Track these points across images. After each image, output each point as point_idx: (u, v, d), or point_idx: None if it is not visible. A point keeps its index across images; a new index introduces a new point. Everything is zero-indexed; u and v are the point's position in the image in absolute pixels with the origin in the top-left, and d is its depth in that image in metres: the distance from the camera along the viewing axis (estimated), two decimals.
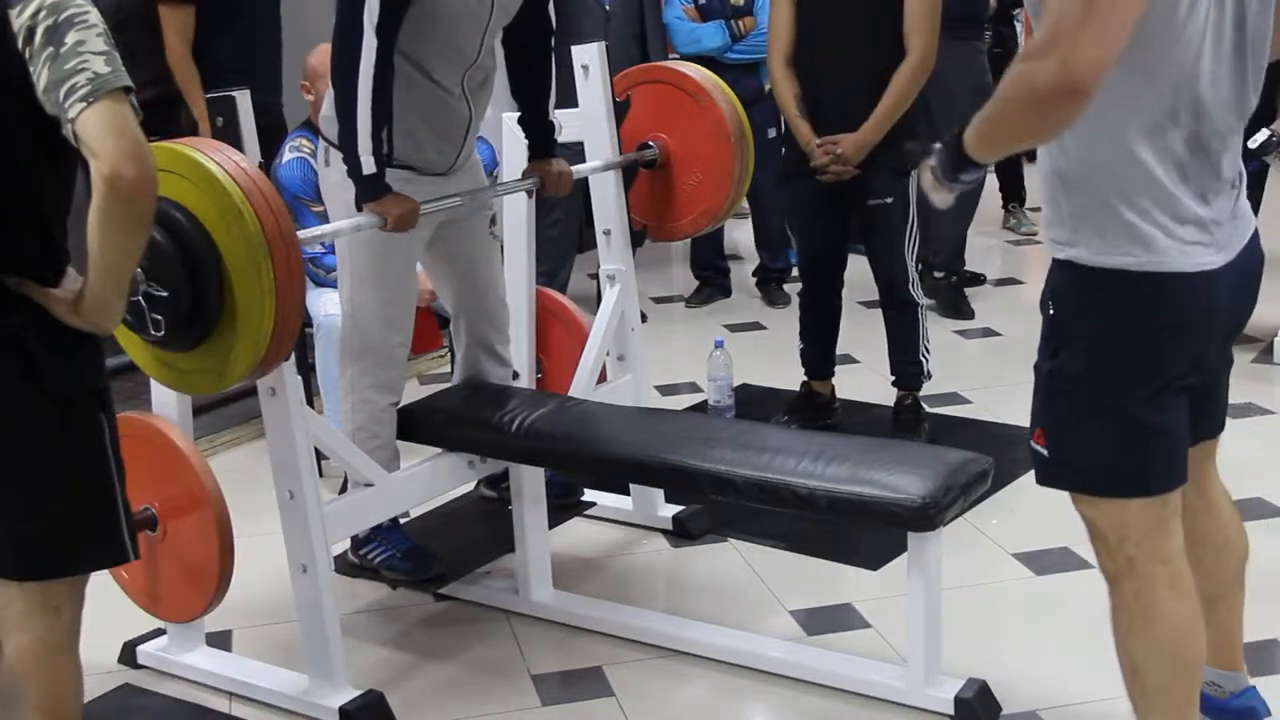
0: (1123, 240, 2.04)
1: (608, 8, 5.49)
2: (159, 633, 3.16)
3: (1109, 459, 2.14)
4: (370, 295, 3.21)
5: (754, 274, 6.27)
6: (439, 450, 3.29)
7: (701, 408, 4.61)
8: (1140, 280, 2.05)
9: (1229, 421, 2.37)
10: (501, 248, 3.54)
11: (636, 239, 3.76)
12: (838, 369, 4.50)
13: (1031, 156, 2.26)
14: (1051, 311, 2.16)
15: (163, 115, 4.40)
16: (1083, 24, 1.79)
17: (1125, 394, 2.10)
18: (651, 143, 3.67)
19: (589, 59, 3.52)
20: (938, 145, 2.14)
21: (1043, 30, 1.85)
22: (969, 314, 5.72)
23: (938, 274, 5.78)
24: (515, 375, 3.53)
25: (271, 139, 4.12)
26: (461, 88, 3.14)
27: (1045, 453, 2.20)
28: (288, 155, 4.10)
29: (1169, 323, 2.08)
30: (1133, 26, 1.85)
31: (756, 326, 5.79)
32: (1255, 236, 2.19)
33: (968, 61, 5.54)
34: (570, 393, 3.46)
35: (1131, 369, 2.09)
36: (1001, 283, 6.31)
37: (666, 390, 4.86)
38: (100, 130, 1.89)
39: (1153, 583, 2.16)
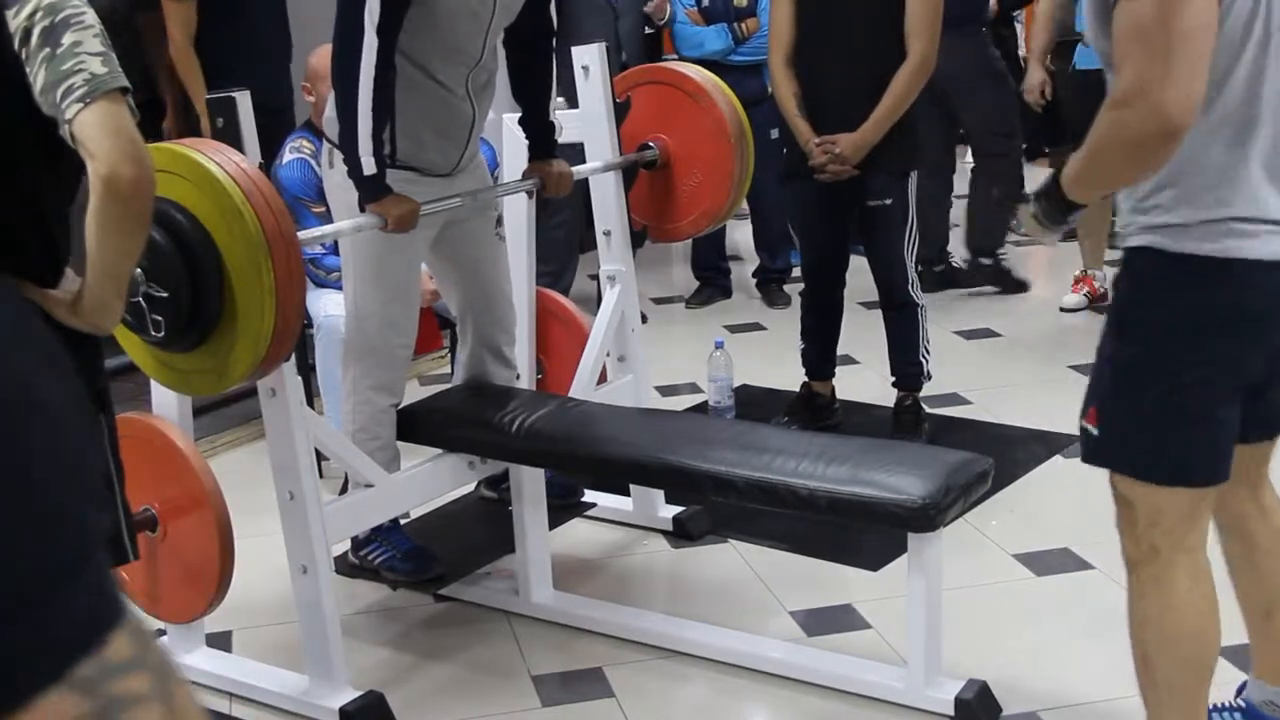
0: (1203, 228, 2.05)
1: (616, 6, 5.49)
2: (159, 633, 3.16)
3: (1157, 445, 2.15)
4: (372, 296, 3.21)
5: (753, 275, 6.27)
6: (439, 451, 3.29)
7: (702, 408, 4.61)
8: (1219, 266, 2.05)
9: None
10: None
11: (637, 240, 3.76)
12: (838, 369, 4.50)
13: (1031, 156, 2.26)
14: (1122, 290, 2.17)
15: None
16: (1167, 67, 1.83)
17: (1183, 381, 2.11)
18: (652, 143, 3.67)
19: (589, 59, 3.52)
20: (1034, 193, 2.17)
21: (1128, 76, 1.88)
22: (1024, 285, 6.04)
23: (985, 261, 6.07)
24: (516, 376, 3.53)
25: (279, 139, 4.14)
26: (465, 88, 3.14)
27: (1095, 431, 2.20)
28: (288, 156, 4.09)
29: (1243, 310, 2.09)
30: (1211, 54, 1.88)
31: (757, 327, 5.79)
32: None
33: (974, 51, 5.69)
34: (570, 393, 3.45)
35: (1193, 357, 2.10)
36: None
37: (667, 391, 4.85)
38: (97, 131, 1.89)
39: (1173, 571, 2.18)
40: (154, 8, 4.68)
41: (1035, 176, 6.53)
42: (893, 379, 4.34)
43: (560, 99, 3.55)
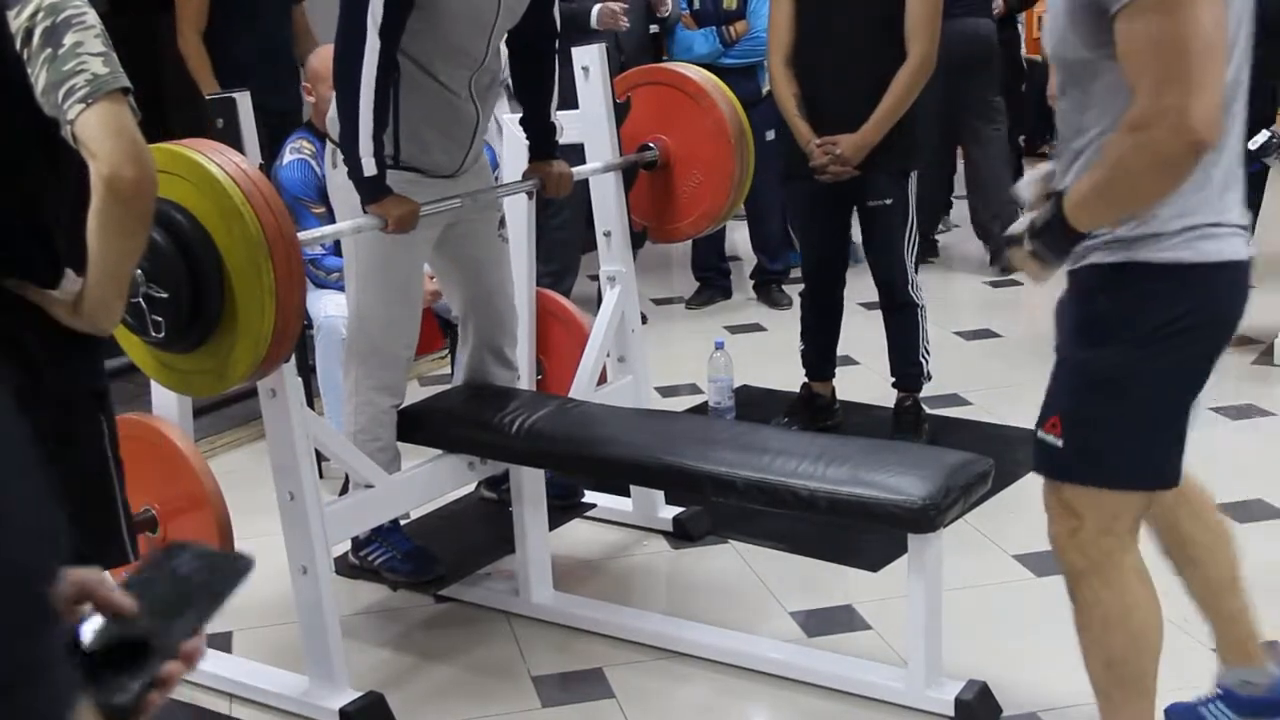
0: (1177, 236, 2.05)
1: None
2: None
3: (1140, 451, 2.15)
4: (375, 297, 3.21)
5: (751, 276, 6.27)
6: (439, 452, 3.29)
7: (702, 409, 4.61)
8: (1195, 271, 2.05)
9: (1229, 422, 2.38)
10: None
11: (637, 240, 3.76)
12: (838, 370, 4.50)
13: (1032, 151, 2.26)
14: (1098, 302, 2.13)
15: None
16: (1189, 85, 1.83)
17: (1170, 389, 2.11)
18: (652, 144, 3.67)
19: (589, 60, 3.52)
20: (1029, 230, 2.12)
21: (1147, 97, 1.88)
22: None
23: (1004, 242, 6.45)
24: (517, 377, 3.53)
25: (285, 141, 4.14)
26: (468, 89, 3.13)
27: (1059, 443, 2.18)
28: (288, 156, 4.09)
29: (1220, 311, 2.10)
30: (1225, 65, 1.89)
31: (757, 328, 5.79)
32: None
33: (976, 33, 6.03)
34: (570, 394, 3.46)
35: (1178, 365, 2.10)
36: (1000, 283, 6.30)
37: (667, 391, 4.85)
38: (99, 131, 1.89)
39: (1124, 572, 2.21)
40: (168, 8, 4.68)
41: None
42: (893, 379, 4.34)
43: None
